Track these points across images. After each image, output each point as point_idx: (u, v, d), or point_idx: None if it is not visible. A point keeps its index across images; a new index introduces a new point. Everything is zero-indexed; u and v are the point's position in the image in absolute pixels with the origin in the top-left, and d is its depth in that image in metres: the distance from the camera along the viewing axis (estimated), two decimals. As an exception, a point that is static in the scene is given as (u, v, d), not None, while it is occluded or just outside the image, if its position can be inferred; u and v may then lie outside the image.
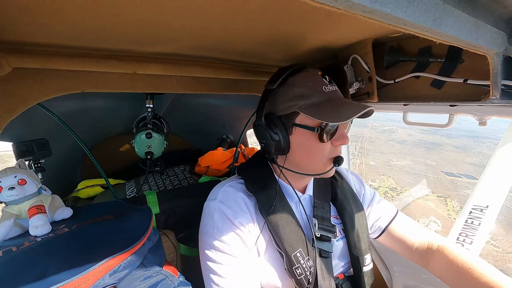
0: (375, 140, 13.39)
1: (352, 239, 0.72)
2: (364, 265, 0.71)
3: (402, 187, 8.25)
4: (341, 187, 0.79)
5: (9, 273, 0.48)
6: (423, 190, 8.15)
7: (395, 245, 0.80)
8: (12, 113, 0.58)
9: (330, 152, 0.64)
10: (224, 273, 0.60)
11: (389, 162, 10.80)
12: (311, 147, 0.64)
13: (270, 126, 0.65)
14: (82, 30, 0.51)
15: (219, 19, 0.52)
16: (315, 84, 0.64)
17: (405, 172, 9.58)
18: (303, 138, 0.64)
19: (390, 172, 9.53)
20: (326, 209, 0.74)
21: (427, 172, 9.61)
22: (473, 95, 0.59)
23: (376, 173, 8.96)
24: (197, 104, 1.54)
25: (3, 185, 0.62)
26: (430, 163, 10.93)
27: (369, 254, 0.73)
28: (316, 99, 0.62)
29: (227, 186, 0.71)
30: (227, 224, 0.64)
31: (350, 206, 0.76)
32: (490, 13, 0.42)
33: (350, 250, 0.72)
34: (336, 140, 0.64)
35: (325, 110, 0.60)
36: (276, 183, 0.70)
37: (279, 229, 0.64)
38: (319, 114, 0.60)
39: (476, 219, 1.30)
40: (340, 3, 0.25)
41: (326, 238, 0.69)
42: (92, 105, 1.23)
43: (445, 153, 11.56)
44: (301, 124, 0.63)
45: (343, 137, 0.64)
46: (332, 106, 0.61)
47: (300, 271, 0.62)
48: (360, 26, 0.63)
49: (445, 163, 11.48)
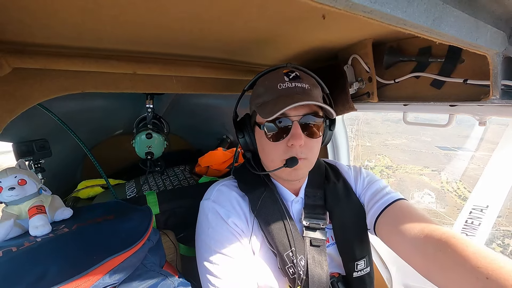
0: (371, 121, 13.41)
1: (342, 245, 0.69)
2: (355, 271, 0.68)
3: (398, 165, 8.25)
4: (332, 189, 0.74)
5: (9, 273, 0.48)
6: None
7: (388, 244, 0.66)
8: (12, 114, 0.57)
9: (285, 153, 0.62)
10: (220, 273, 0.60)
11: (385, 142, 10.84)
12: (264, 145, 0.65)
13: (240, 127, 0.71)
14: (82, 31, 0.52)
15: (219, 20, 0.52)
16: (270, 82, 0.64)
17: (401, 150, 9.59)
18: (259, 136, 0.67)
19: (386, 151, 9.51)
20: (318, 196, 0.72)
21: (421, 148, 9.64)
22: (473, 95, 0.59)
23: (372, 153, 8.96)
24: (197, 104, 1.54)
25: (3, 185, 0.62)
26: (426, 139, 10.97)
27: (364, 259, 0.69)
28: (267, 97, 0.63)
29: (221, 186, 0.72)
30: (221, 223, 0.64)
31: (340, 209, 0.71)
32: (490, 13, 0.42)
33: (341, 255, 0.69)
34: (288, 139, 0.61)
35: (268, 106, 0.61)
36: (269, 183, 0.71)
37: (271, 228, 0.64)
38: (262, 110, 0.61)
39: (476, 219, 1.30)
40: (340, 3, 0.25)
41: (314, 226, 0.67)
42: (92, 105, 1.23)
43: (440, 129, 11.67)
44: (256, 122, 0.66)
45: (294, 137, 0.60)
46: (276, 102, 0.60)
47: (292, 270, 0.62)
48: (360, 26, 0.63)
49: (440, 138, 11.52)
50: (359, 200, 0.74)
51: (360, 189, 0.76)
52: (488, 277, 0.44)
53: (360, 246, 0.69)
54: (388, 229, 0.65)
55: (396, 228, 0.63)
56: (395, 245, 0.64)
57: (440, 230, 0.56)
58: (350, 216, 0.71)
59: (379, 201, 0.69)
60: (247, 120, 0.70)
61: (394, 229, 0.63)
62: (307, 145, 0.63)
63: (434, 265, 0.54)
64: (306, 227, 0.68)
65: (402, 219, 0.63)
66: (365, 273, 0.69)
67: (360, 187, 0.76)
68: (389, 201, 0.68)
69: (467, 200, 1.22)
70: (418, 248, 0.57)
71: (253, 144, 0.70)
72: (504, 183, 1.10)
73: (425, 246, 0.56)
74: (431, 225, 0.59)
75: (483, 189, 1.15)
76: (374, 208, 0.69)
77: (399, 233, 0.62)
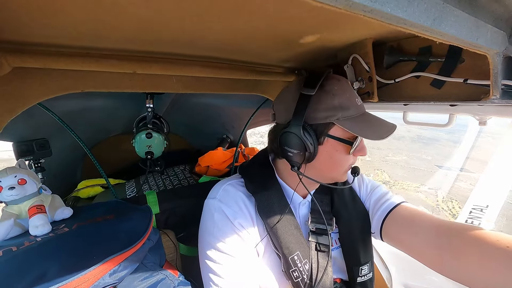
0: None
1: (347, 250, 0.70)
2: (359, 275, 0.69)
3: (395, 180, 8.27)
4: (339, 193, 0.75)
5: (9, 273, 0.48)
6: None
7: (398, 245, 0.68)
8: (12, 113, 0.57)
9: (351, 161, 0.66)
10: (223, 273, 0.60)
11: (385, 158, 10.81)
12: (339, 158, 0.64)
13: (304, 134, 0.61)
14: (82, 30, 0.51)
15: (219, 20, 0.52)
16: (351, 96, 0.63)
17: (400, 166, 9.59)
18: (333, 149, 0.63)
19: (385, 167, 9.54)
20: (325, 202, 0.73)
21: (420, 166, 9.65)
22: (473, 95, 0.59)
23: (371, 168, 8.93)
24: (197, 104, 1.54)
25: (3, 184, 0.62)
26: (426, 158, 10.94)
27: (368, 264, 0.70)
28: (353, 112, 0.62)
29: (227, 185, 0.71)
30: (227, 224, 0.64)
31: (347, 214, 0.73)
32: (490, 13, 0.42)
33: (346, 260, 0.70)
34: (357, 151, 0.64)
35: (362, 125, 0.61)
36: (277, 184, 0.70)
37: (277, 231, 0.64)
38: (359, 128, 0.60)
39: (476, 219, 1.31)
40: (340, 3, 0.25)
41: (320, 231, 0.68)
42: (92, 105, 1.23)
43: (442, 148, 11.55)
44: (334, 136, 0.62)
45: (364, 149, 0.65)
46: (366, 121, 0.63)
47: (296, 274, 0.62)
48: (360, 26, 0.63)
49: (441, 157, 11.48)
50: (364, 205, 0.76)
51: (364, 195, 0.78)
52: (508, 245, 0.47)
53: (365, 250, 0.70)
54: (396, 230, 0.67)
55: (405, 228, 0.65)
56: (405, 245, 0.65)
57: (449, 222, 0.60)
58: (356, 220, 0.72)
59: (384, 204, 0.72)
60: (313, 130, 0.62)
61: (403, 229, 0.65)
62: None
63: (450, 253, 0.55)
64: (312, 231, 0.68)
65: (410, 219, 0.66)
66: (368, 279, 0.70)
67: (364, 192, 0.79)
68: (394, 204, 0.71)
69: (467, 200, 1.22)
70: (430, 242, 0.59)
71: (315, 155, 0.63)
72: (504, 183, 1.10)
73: (438, 238, 0.58)
74: (439, 219, 0.62)
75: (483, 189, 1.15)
76: (380, 211, 0.71)
77: (409, 231, 0.64)
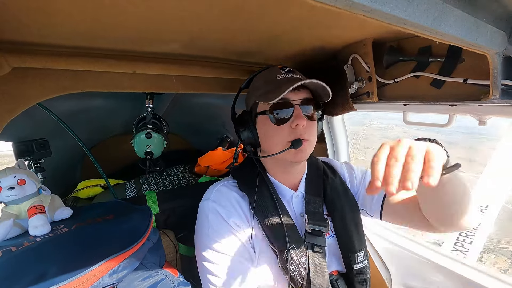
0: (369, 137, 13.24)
1: (342, 237, 0.71)
2: (355, 263, 0.70)
3: None
4: (331, 184, 0.77)
5: (8, 273, 0.48)
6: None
7: (401, 218, 0.73)
8: (12, 113, 0.57)
9: (289, 135, 0.65)
10: (221, 272, 0.60)
11: None
12: (269, 130, 0.67)
13: (242, 124, 0.72)
14: (82, 30, 0.51)
15: (219, 20, 0.52)
16: (269, 75, 0.70)
17: None
18: (262, 124, 0.69)
19: None
20: (318, 203, 0.73)
21: None
22: (473, 95, 0.59)
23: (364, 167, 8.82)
24: (197, 104, 1.54)
25: (3, 185, 0.62)
26: None
27: (363, 251, 0.72)
28: (267, 87, 0.67)
29: (221, 186, 0.72)
30: (222, 223, 0.65)
31: (340, 203, 0.74)
32: (490, 13, 0.42)
33: (341, 247, 0.71)
34: (292, 121, 0.65)
35: (270, 93, 0.65)
36: (268, 182, 0.72)
37: (271, 226, 0.65)
38: (265, 97, 0.65)
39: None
40: (340, 3, 0.25)
41: (317, 233, 0.68)
42: (92, 105, 1.23)
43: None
44: (259, 111, 0.69)
45: (297, 117, 0.64)
46: (278, 86, 0.64)
47: (293, 268, 0.63)
48: (360, 26, 0.63)
49: None
50: (354, 198, 0.78)
51: (357, 183, 0.82)
52: None
53: (359, 238, 0.72)
54: (396, 204, 0.72)
55: (405, 199, 0.70)
56: (406, 219, 0.71)
57: None
58: (348, 209, 0.75)
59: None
60: (247, 114, 0.73)
61: (402, 200, 0.71)
62: (308, 126, 0.67)
63: None
64: (308, 233, 0.68)
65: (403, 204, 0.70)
66: (364, 266, 0.71)
67: (357, 180, 0.82)
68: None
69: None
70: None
71: (255, 136, 0.71)
72: (504, 183, 1.10)
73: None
74: None
75: (483, 189, 1.15)
76: (374, 199, 0.75)
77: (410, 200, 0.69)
